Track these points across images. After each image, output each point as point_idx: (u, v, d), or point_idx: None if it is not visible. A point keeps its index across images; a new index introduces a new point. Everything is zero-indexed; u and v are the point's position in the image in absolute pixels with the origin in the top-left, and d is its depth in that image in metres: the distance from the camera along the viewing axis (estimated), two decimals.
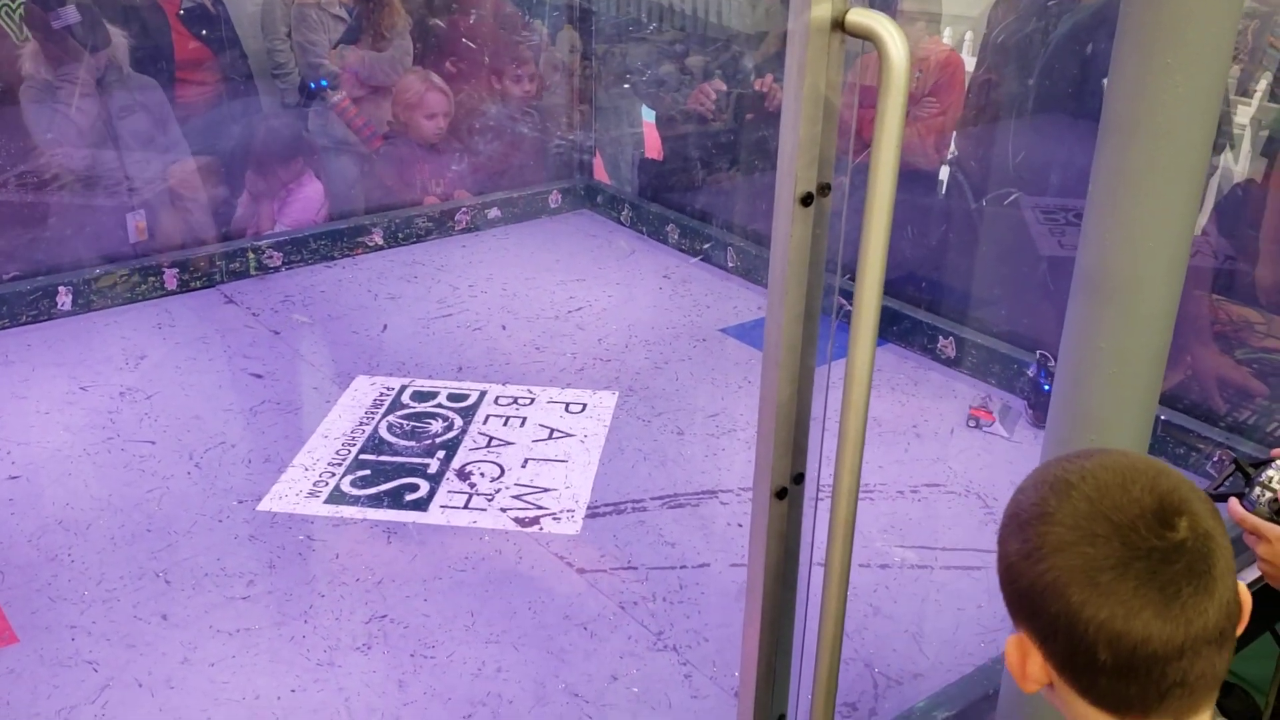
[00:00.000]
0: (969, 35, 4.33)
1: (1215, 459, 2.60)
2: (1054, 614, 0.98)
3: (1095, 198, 1.30)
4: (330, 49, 4.19)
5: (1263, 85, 3.90)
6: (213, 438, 2.74)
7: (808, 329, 1.26)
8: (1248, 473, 1.96)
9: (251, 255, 3.68)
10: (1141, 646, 0.95)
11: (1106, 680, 0.98)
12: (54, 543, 2.32)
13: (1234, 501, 1.92)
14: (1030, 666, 1.03)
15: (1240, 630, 1.02)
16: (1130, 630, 0.95)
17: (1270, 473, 1.91)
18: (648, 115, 4.50)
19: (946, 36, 4.20)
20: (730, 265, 3.82)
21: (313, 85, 4.19)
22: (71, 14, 3.29)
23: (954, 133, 3.56)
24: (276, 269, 3.73)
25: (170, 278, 3.53)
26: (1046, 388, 2.79)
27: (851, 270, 1.19)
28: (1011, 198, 3.18)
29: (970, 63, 3.77)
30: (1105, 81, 1.31)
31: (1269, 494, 1.88)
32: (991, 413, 2.88)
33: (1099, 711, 1.01)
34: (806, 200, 1.18)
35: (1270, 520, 1.86)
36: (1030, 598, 1.00)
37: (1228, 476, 1.99)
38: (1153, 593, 0.95)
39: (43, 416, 2.82)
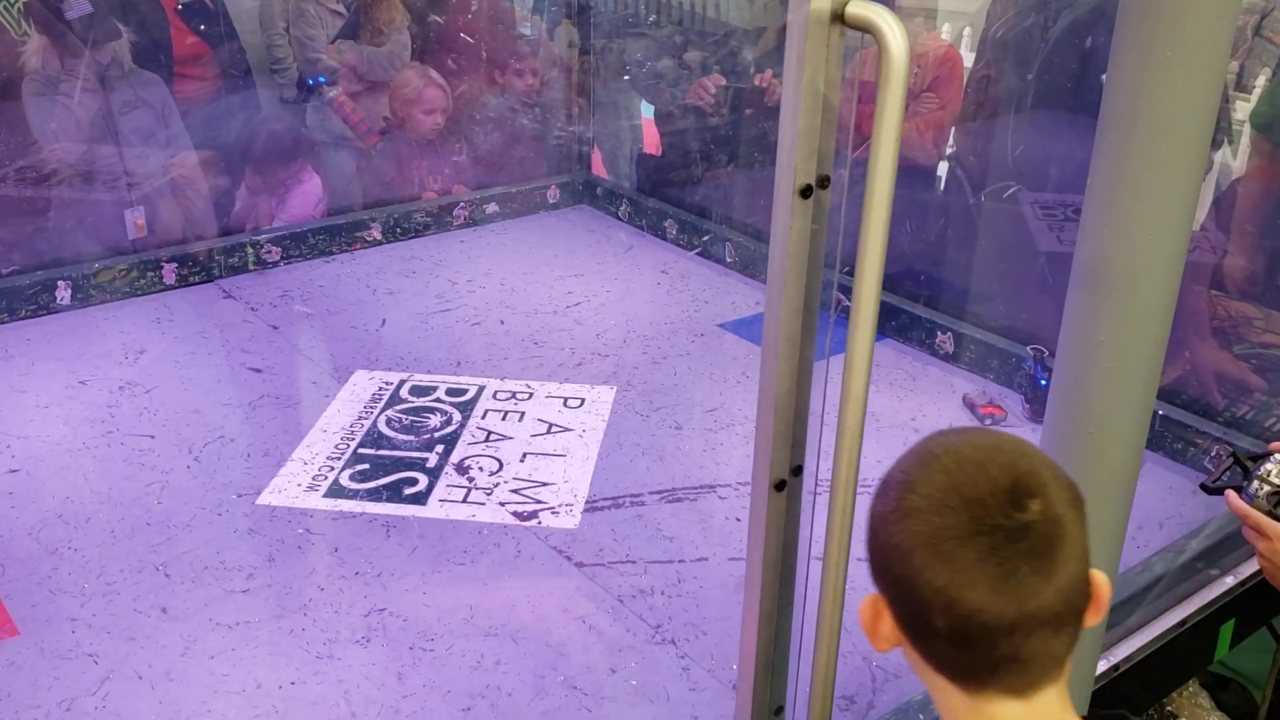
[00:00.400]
0: (967, 30, 4.33)
1: (1213, 454, 2.61)
2: (899, 575, 1.02)
3: (1094, 191, 1.30)
4: (328, 44, 4.19)
5: (1261, 80, 3.91)
6: (212, 432, 2.74)
7: (807, 322, 1.26)
8: (1245, 466, 1.96)
9: (250, 250, 3.68)
10: (974, 616, 0.98)
11: (942, 646, 1.02)
12: (54, 536, 2.33)
13: (1232, 494, 1.93)
14: (882, 626, 1.08)
15: (1096, 620, 1.06)
16: (964, 599, 0.98)
17: (1269, 466, 1.92)
18: (646, 111, 4.50)
19: (944, 32, 4.21)
20: (729, 260, 3.82)
21: (310, 81, 4.19)
22: (84, 4, 3.29)
23: (952, 128, 3.56)
24: (275, 264, 3.73)
25: (169, 272, 3.53)
26: (1043, 382, 2.79)
27: (850, 264, 1.20)
28: (1010, 191, 3.19)
29: (968, 58, 3.78)
30: (1104, 77, 1.31)
31: (1268, 487, 1.88)
32: (1001, 407, 2.88)
33: (940, 676, 1.05)
34: (806, 192, 1.18)
35: (1270, 514, 1.86)
36: (883, 558, 1.05)
37: (1225, 469, 1.99)
38: (990, 567, 0.98)
39: (42, 410, 2.82)
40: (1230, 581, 2.21)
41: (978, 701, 1.04)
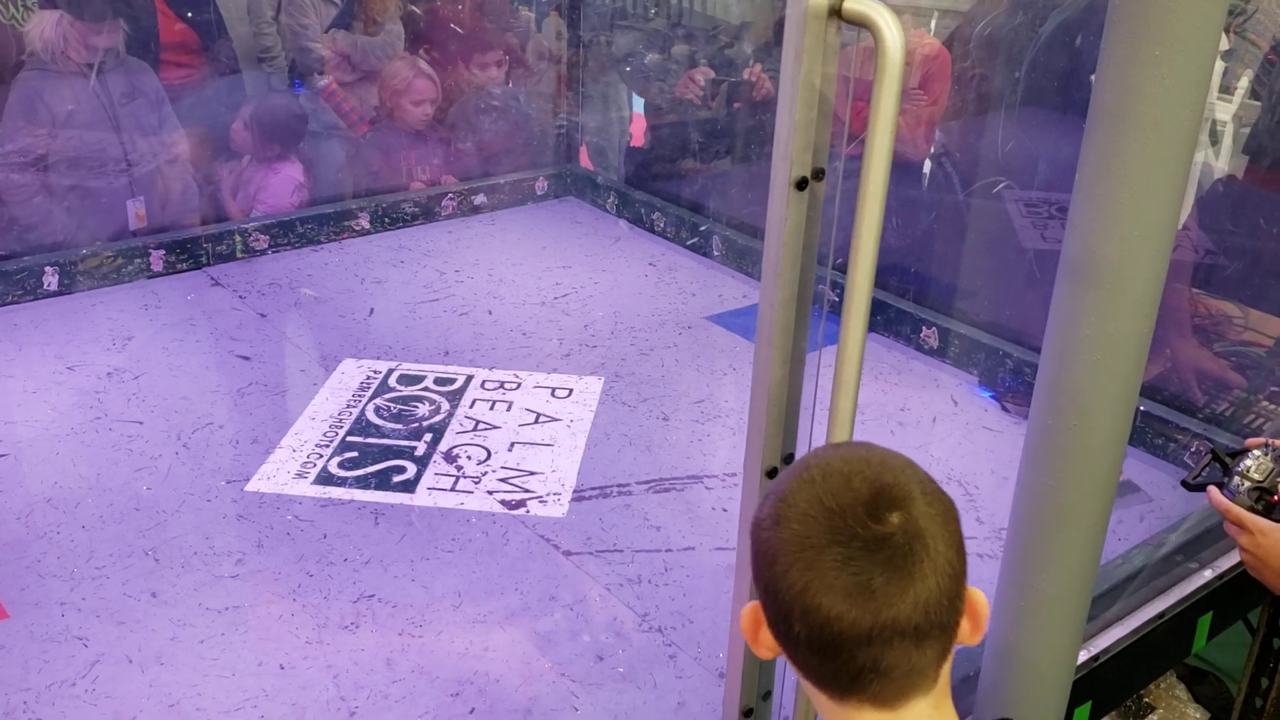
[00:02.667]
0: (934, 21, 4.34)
1: (1193, 449, 2.65)
2: (768, 581, 1.04)
3: (1082, 187, 1.32)
4: (322, 33, 4.19)
5: (1244, 83, 3.95)
6: (200, 418, 2.75)
7: (800, 312, 1.28)
8: (1225, 462, 1.99)
9: (238, 238, 3.68)
10: (830, 624, 1.00)
11: (805, 654, 1.04)
12: (43, 520, 2.33)
13: (1214, 490, 1.96)
14: (762, 634, 1.09)
15: (976, 638, 1.08)
16: (819, 606, 0.99)
17: (1248, 462, 1.95)
18: (636, 104, 4.51)
19: (931, 30, 4.23)
20: (716, 253, 3.84)
21: (299, 87, 4.20)
22: None
23: (939, 126, 3.59)
24: (263, 252, 3.73)
25: (156, 259, 3.53)
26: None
27: (841, 257, 1.22)
28: (999, 186, 3.22)
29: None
30: (1093, 76, 1.33)
31: (1248, 483, 1.92)
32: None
33: (812, 685, 1.07)
34: (801, 184, 1.20)
35: (1251, 509, 1.90)
36: (757, 564, 1.07)
37: (1205, 466, 2.02)
38: (846, 575, 0.99)
39: (29, 396, 2.82)
40: (1209, 575, 2.24)
41: (845, 709, 1.05)
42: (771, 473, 1.35)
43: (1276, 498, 1.90)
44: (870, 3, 1.09)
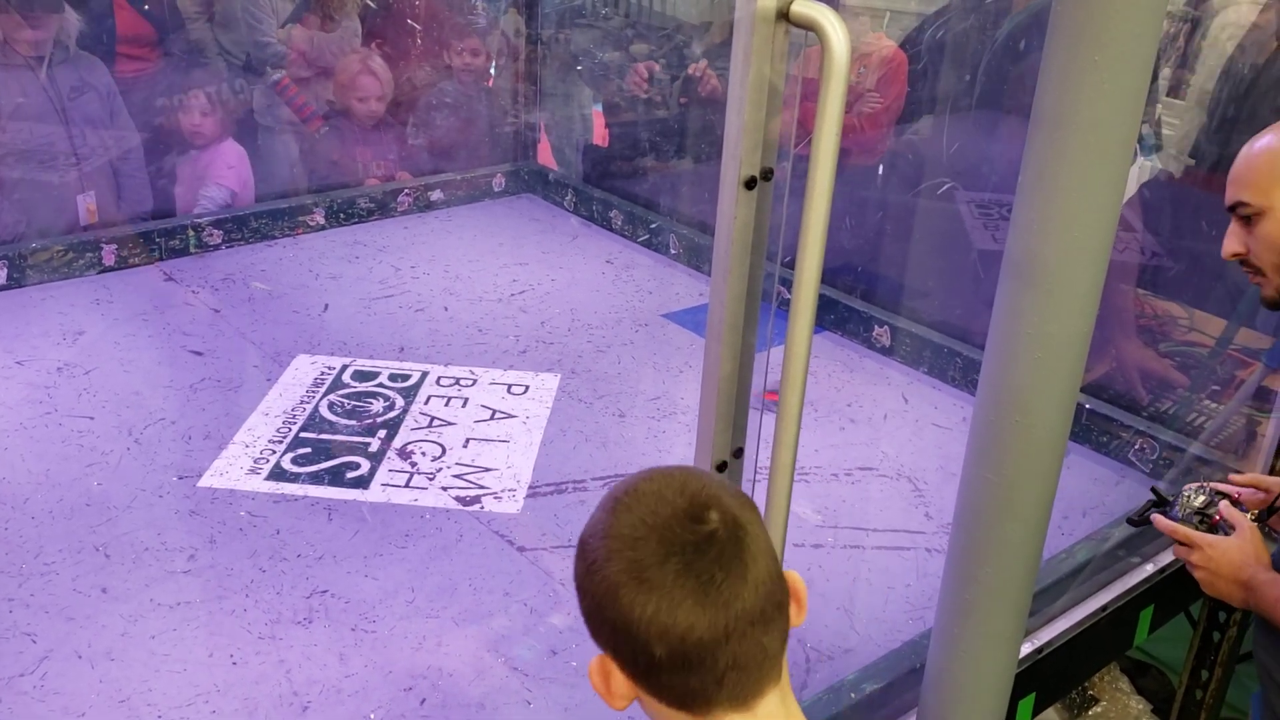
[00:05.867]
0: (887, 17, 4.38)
1: (1136, 446, 2.70)
2: (613, 620, 1.04)
3: (1024, 187, 1.35)
4: (278, 27, 4.16)
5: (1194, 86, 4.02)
6: (152, 414, 2.73)
7: (749, 309, 1.30)
8: (1166, 500, 2.08)
9: (191, 233, 3.65)
10: (688, 635, 1.01)
11: (669, 676, 1.04)
12: None
13: (1158, 516, 2.03)
14: (614, 684, 1.08)
15: (801, 618, 1.11)
16: (676, 621, 1.01)
17: (1187, 492, 2.03)
18: (595, 103, 4.53)
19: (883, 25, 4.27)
20: (673, 251, 3.87)
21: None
22: None
23: (893, 128, 3.63)
24: (216, 247, 3.71)
25: (108, 254, 3.50)
26: None
27: (791, 254, 1.24)
28: (945, 187, 3.26)
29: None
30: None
31: (1190, 508, 1.98)
32: None
33: (677, 712, 1.07)
34: (750, 184, 1.22)
35: (1196, 529, 1.96)
36: (596, 612, 1.07)
37: (1148, 505, 2.11)
38: (690, 582, 1.01)
39: None
40: (1150, 569, 2.29)
41: None
42: (721, 466, 1.37)
43: (1217, 519, 1.96)
44: (817, 6, 1.11)
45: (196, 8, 4.11)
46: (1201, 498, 2.00)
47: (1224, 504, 1.98)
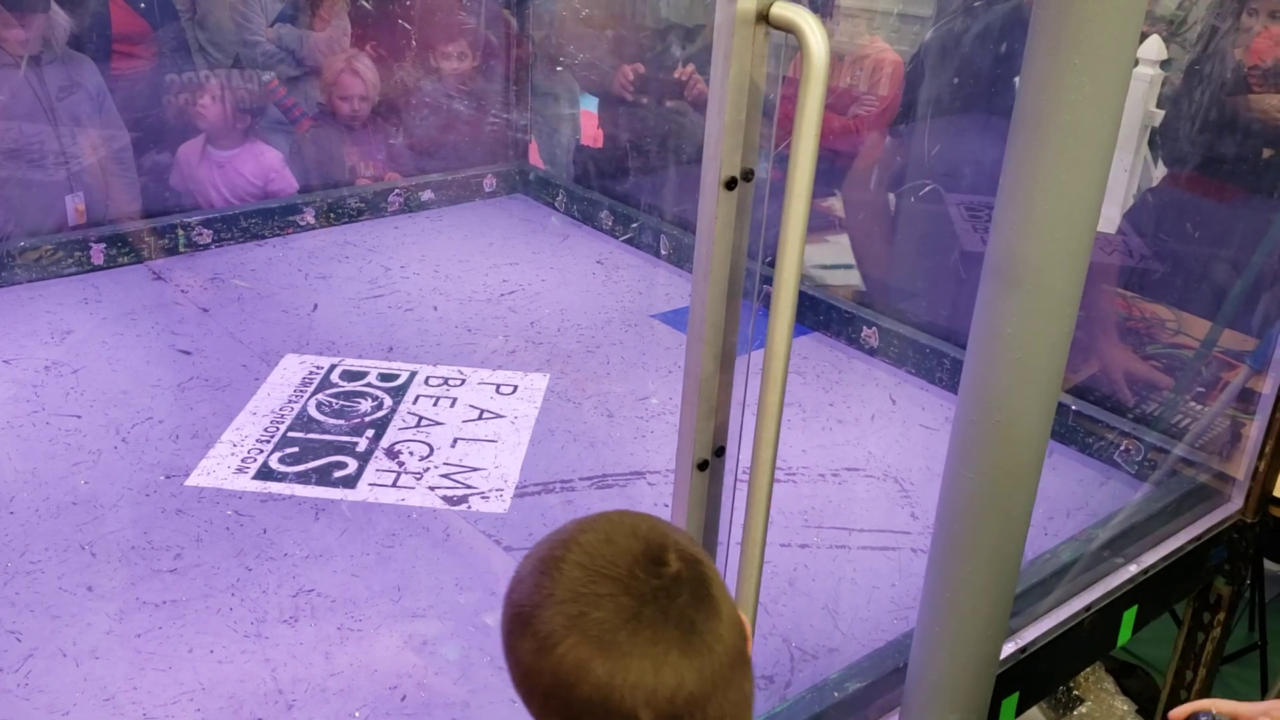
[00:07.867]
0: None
1: (1122, 448, 2.71)
2: (587, 698, 0.91)
3: (1005, 189, 1.36)
4: (267, 26, 4.16)
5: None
6: (140, 413, 2.73)
7: (731, 308, 1.31)
8: None
9: (181, 232, 3.65)
10: (678, 692, 0.90)
11: None
12: None
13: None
14: None
15: (749, 650, 1.00)
16: (663, 681, 0.90)
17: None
18: (588, 103, 4.53)
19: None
20: (663, 252, 3.87)
21: None
22: None
23: (888, 130, 3.64)
24: (206, 246, 3.70)
25: (97, 253, 3.49)
26: None
27: (773, 254, 1.25)
28: (925, 189, 3.27)
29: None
30: (1017, 80, 1.37)
31: None
32: None
33: None
34: (730, 184, 1.23)
35: None
36: (558, 692, 0.92)
37: None
38: (671, 631, 0.91)
39: None
40: (1133, 570, 2.31)
41: None
42: (702, 465, 1.37)
43: None
44: (796, 8, 1.12)
45: (184, 6, 4.11)
46: None
47: None
